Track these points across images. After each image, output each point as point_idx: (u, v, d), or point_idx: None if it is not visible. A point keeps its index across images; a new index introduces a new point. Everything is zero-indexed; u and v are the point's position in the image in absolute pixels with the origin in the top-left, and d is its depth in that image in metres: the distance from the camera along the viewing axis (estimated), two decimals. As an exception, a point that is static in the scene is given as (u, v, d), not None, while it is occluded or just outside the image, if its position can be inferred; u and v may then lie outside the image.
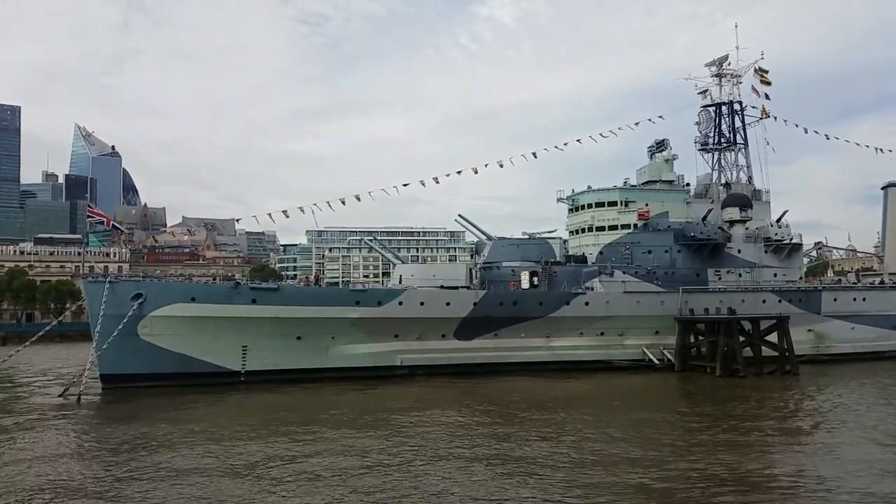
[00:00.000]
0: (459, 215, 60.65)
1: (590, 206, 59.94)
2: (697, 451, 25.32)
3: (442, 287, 50.45)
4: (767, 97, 66.23)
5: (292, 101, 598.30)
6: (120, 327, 41.83)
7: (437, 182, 56.80)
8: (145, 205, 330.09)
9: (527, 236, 59.51)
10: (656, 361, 52.23)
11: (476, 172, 58.01)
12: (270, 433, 28.94)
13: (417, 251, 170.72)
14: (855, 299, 59.91)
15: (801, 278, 62.63)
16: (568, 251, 60.38)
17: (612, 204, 58.79)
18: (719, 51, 79.32)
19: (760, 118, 65.80)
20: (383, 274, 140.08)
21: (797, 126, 68.73)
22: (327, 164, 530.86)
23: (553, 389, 42.36)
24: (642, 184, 62.52)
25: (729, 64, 66.30)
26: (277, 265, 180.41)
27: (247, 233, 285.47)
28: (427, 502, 19.38)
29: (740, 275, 58.29)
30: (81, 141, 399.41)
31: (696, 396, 40.42)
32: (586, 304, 52.04)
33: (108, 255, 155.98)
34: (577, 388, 43.42)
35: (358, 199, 54.84)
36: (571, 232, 62.48)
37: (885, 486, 20.48)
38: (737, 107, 66.12)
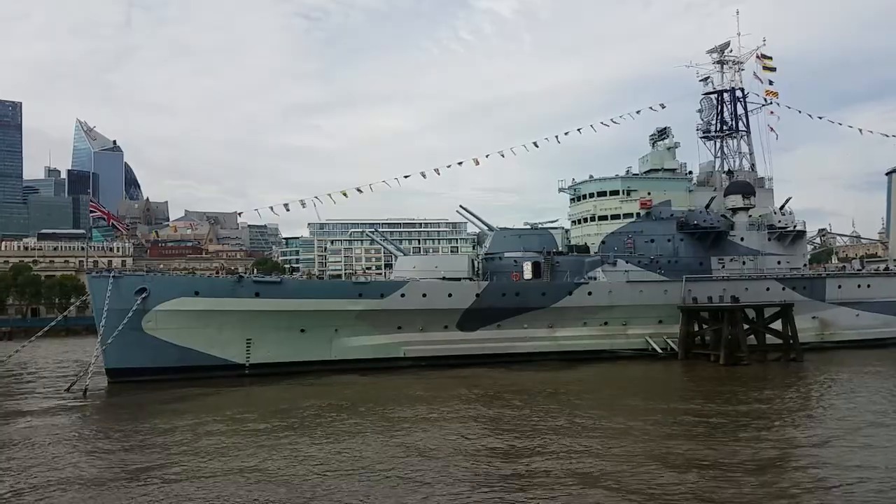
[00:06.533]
0: (461, 206, 60.55)
1: (592, 195, 59.78)
2: (699, 439, 25.34)
3: (444, 279, 50.49)
4: (771, 83, 65.88)
5: (293, 96, 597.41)
6: (125, 322, 42.00)
7: (438, 173, 56.95)
8: (148, 199, 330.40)
9: (529, 226, 59.37)
10: (660, 350, 52.27)
11: (477, 163, 58.05)
12: (282, 425, 29.09)
13: (419, 243, 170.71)
14: (859, 286, 59.73)
15: (805, 265, 62.46)
16: (570, 241, 60.27)
17: (615, 193, 58.60)
18: (718, 39, 78.79)
19: (767, 102, 65.32)
20: (385, 266, 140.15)
21: (800, 112, 68.53)
22: (328, 157, 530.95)
23: (557, 380, 42.38)
24: (644, 172, 62.28)
25: (730, 51, 65.92)
26: (280, 258, 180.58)
27: (249, 226, 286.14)
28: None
29: (744, 262, 58.20)
30: (83, 136, 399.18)
31: (700, 385, 40.42)
32: (589, 293, 52.02)
33: (111, 249, 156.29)
34: (581, 377, 43.47)
35: (359, 191, 54.95)
36: (573, 222, 62.35)
37: (890, 476, 20.49)
38: (739, 94, 65.77)
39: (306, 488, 19.95)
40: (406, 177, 57.28)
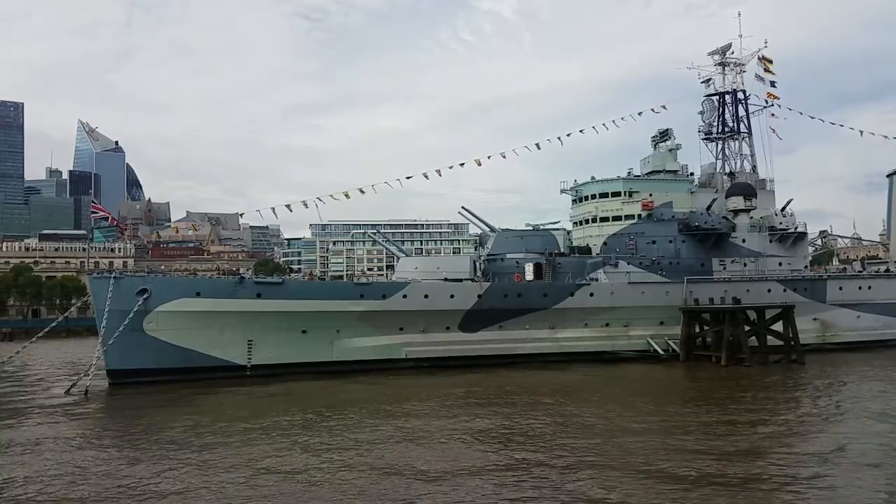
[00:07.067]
0: (463, 207, 60.53)
1: (593, 196, 59.79)
2: (699, 439, 25.32)
3: (446, 280, 50.50)
4: (773, 85, 65.88)
5: (293, 96, 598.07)
6: (126, 323, 41.99)
7: (440, 174, 56.65)
8: (149, 200, 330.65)
9: (531, 228, 59.34)
10: (661, 352, 52.23)
11: (479, 164, 57.93)
12: (285, 425, 29.10)
13: (421, 244, 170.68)
14: (860, 288, 59.71)
15: (806, 267, 62.44)
16: (572, 242, 60.28)
17: (616, 194, 58.64)
18: (718, 40, 78.81)
19: (768, 104, 65.35)
20: (387, 267, 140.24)
21: (801, 114, 68.49)
22: (328, 157, 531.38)
23: (558, 381, 42.36)
24: (646, 174, 62.32)
25: (732, 53, 65.91)
26: (282, 259, 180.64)
27: (251, 227, 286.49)
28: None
29: (745, 264, 58.19)
30: (85, 137, 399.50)
31: (702, 386, 40.43)
32: (591, 295, 52.01)
33: (112, 250, 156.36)
34: (583, 379, 43.46)
35: (361, 192, 54.83)
36: (575, 223, 62.38)
37: (887, 476, 20.48)
38: (740, 95, 65.74)
39: (313, 487, 19.96)
40: (408, 178, 57.13)
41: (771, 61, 65.94)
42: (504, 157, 59.99)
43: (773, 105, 65.41)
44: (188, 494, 19.64)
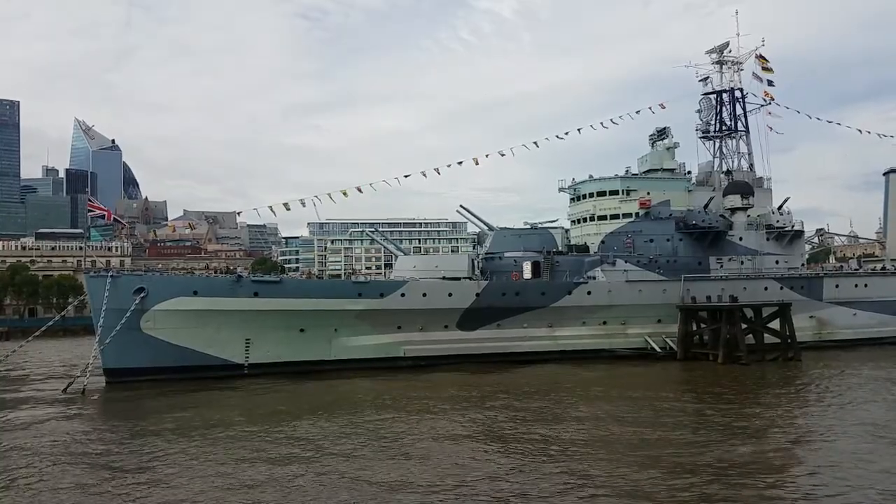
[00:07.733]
0: (461, 206, 60.48)
1: (591, 195, 59.82)
2: (696, 438, 25.39)
3: (444, 278, 50.50)
4: (770, 83, 65.95)
5: (293, 96, 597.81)
6: (123, 321, 41.93)
7: (439, 173, 56.76)
8: (146, 198, 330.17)
9: (528, 226, 59.41)
10: (659, 350, 52.30)
11: (477, 163, 57.95)
12: (284, 424, 29.10)
13: (419, 242, 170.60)
14: (857, 285, 59.88)
15: (802, 265, 62.58)
16: (570, 241, 60.32)
17: (614, 193, 58.68)
18: (717, 39, 78.97)
19: (765, 103, 65.45)
20: (386, 265, 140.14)
21: (798, 112, 68.65)
22: (328, 157, 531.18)
23: (556, 379, 42.36)
24: (644, 172, 62.35)
25: (730, 51, 65.99)
26: (279, 258, 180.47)
27: (248, 226, 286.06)
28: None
29: (742, 262, 58.30)
30: (81, 135, 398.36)
31: (699, 384, 40.46)
32: (588, 293, 52.07)
33: (109, 249, 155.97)
34: (581, 377, 43.46)
35: (359, 190, 54.83)
36: (573, 221, 62.41)
37: (883, 473, 20.56)
38: (738, 94, 65.83)
39: (314, 485, 19.98)
40: (406, 176, 57.26)
41: (767, 61, 66.00)
42: (502, 155, 60.12)
43: (770, 103, 65.55)
44: (188, 493, 19.62)
